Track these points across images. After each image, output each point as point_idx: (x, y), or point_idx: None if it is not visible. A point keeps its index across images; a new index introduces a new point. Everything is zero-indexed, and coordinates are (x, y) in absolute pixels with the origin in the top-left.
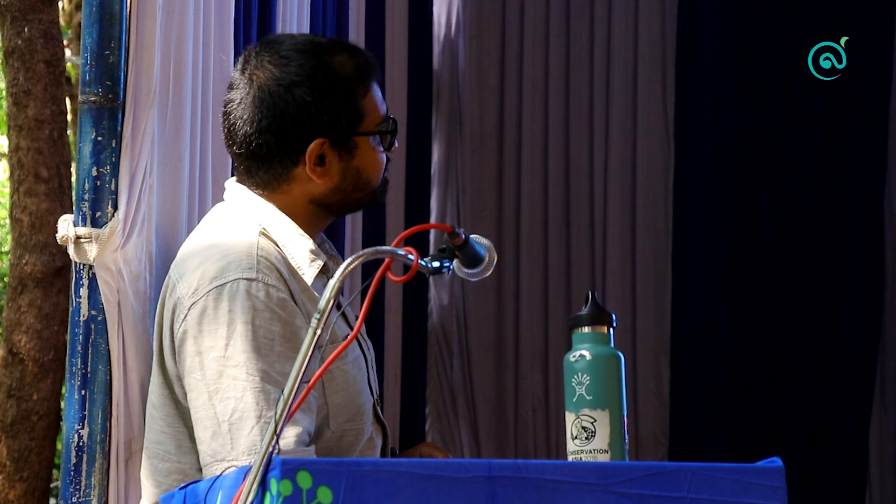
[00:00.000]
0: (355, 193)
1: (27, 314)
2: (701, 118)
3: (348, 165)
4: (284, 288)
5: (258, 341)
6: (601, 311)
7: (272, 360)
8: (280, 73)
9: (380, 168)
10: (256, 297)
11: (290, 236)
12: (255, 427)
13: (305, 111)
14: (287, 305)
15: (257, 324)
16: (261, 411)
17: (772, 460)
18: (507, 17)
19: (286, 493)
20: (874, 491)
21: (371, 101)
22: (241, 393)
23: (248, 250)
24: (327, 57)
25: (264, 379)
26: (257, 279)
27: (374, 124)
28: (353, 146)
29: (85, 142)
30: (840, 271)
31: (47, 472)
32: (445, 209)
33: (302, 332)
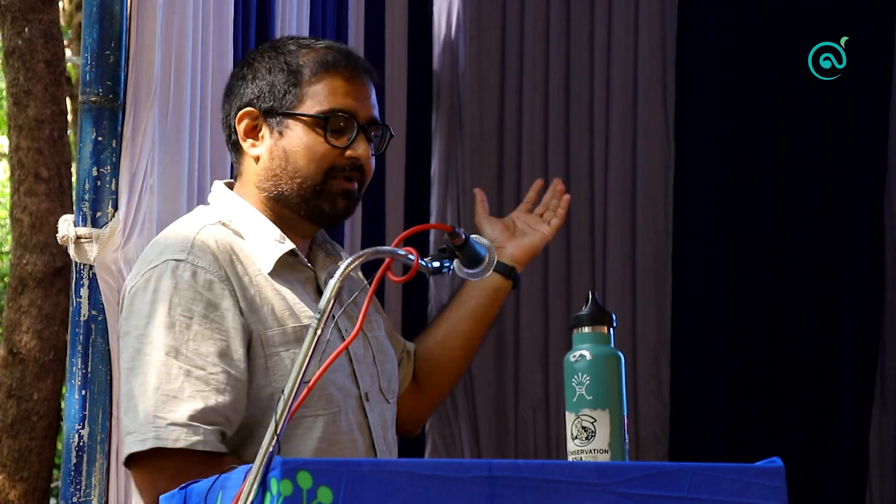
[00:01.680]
0: (287, 179)
1: (27, 314)
2: (701, 118)
3: (276, 143)
4: (217, 271)
5: (174, 319)
6: (601, 311)
7: (187, 338)
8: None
9: (316, 158)
10: (181, 276)
11: (254, 225)
12: (152, 398)
13: (245, 82)
14: (214, 287)
15: (176, 302)
16: (159, 384)
17: (772, 460)
18: (507, 17)
19: (286, 493)
20: (874, 491)
21: (321, 90)
22: (149, 368)
23: (187, 235)
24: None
25: (170, 354)
26: (186, 260)
27: (315, 111)
28: (284, 125)
29: (85, 142)
30: (840, 271)
31: (47, 472)
32: (445, 209)
33: (230, 314)
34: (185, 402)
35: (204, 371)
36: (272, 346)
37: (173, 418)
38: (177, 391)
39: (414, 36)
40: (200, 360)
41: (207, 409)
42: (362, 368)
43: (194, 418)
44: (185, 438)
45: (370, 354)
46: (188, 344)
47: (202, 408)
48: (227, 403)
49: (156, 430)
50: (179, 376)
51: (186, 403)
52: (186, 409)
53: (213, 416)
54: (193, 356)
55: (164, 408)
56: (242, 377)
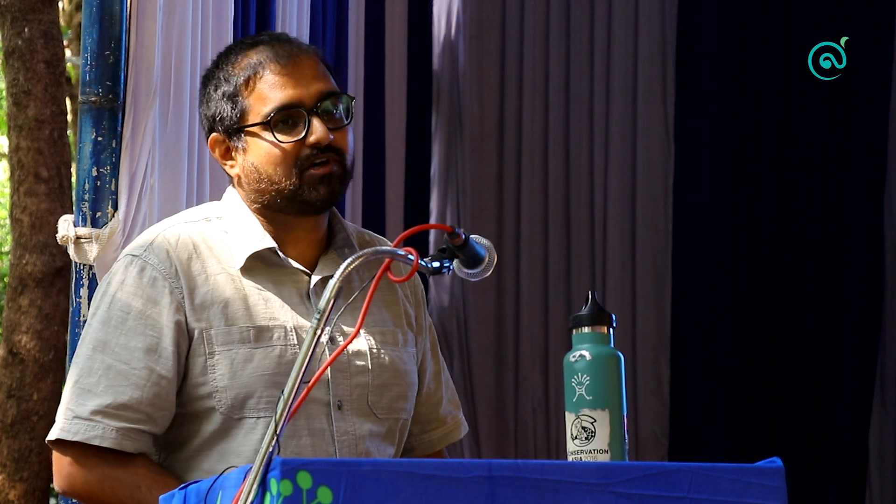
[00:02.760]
0: (266, 188)
1: (27, 314)
2: (701, 118)
3: (245, 160)
4: (167, 268)
5: (111, 313)
6: (601, 311)
7: (118, 333)
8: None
9: (280, 161)
10: (130, 272)
11: (240, 222)
12: (69, 391)
13: (204, 112)
14: (157, 283)
15: (117, 296)
16: (79, 377)
17: (772, 460)
18: (507, 17)
19: (286, 493)
20: (874, 491)
21: (259, 93)
22: (79, 360)
23: (154, 233)
24: (232, 56)
25: (97, 348)
26: (139, 256)
27: (259, 117)
28: (244, 142)
29: (85, 142)
30: (840, 271)
31: (47, 472)
32: (445, 209)
33: (166, 311)
34: (97, 396)
35: (127, 366)
36: (213, 344)
37: (79, 412)
38: (92, 385)
39: (414, 36)
40: (126, 355)
41: (117, 404)
42: (342, 376)
43: (99, 413)
44: (84, 433)
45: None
46: (118, 339)
47: (110, 402)
48: (146, 399)
49: (64, 422)
50: (99, 370)
51: (96, 398)
52: (94, 403)
53: (124, 413)
54: (120, 350)
55: (76, 400)
56: (168, 375)
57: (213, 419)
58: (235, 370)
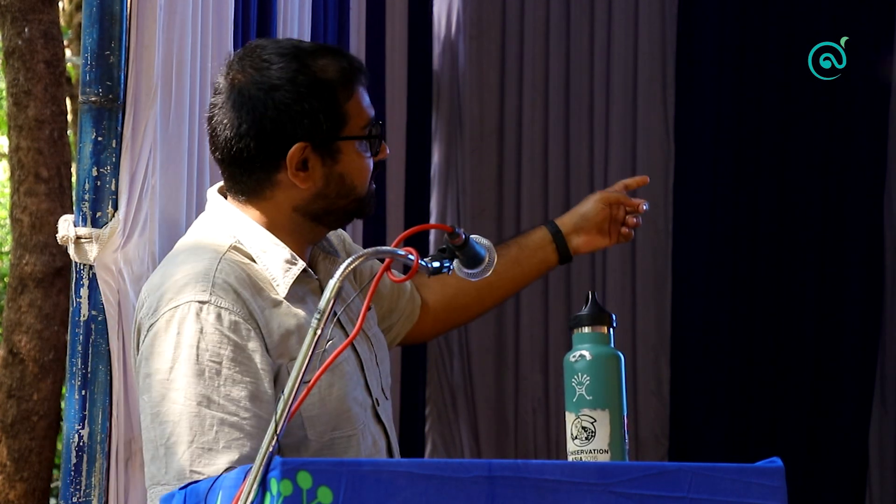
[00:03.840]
0: (339, 201)
1: (27, 314)
2: (701, 118)
3: (332, 171)
4: (241, 309)
5: (202, 365)
6: (601, 311)
7: (217, 384)
8: (260, 76)
9: (365, 174)
10: (206, 320)
11: (264, 247)
12: (186, 452)
13: (285, 114)
14: (240, 328)
15: (202, 347)
16: (193, 436)
17: (772, 460)
18: (507, 17)
19: (286, 493)
20: (874, 491)
21: (356, 105)
22: (178, 417)
23: (207, 271)
24: (309, 60)
25: (201, 403)
26: (209, 301)
27: (359, 128)
28: (337, 151)
29: (85, 142)
30: (840, 271)
31: (47, 472)
32: (445, 209)
33: (257, 355)
34: (221, 453)
35: (237, 417)
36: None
37: (210, 472)
38: (211, 443)
39: (414, 36)
40: (233, 406)
41: (243, 457)
42: (371, 375)
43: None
44: None
45: (374, 355)
46: (219, 390)
47: (237, 458)
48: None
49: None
50: (213, 426)
51: (223, 455)
52: (223, 461)
53: (249, 463)
54: (226, 402)
55: (199, 461)
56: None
57: (308, 448)
58: (323, 397)
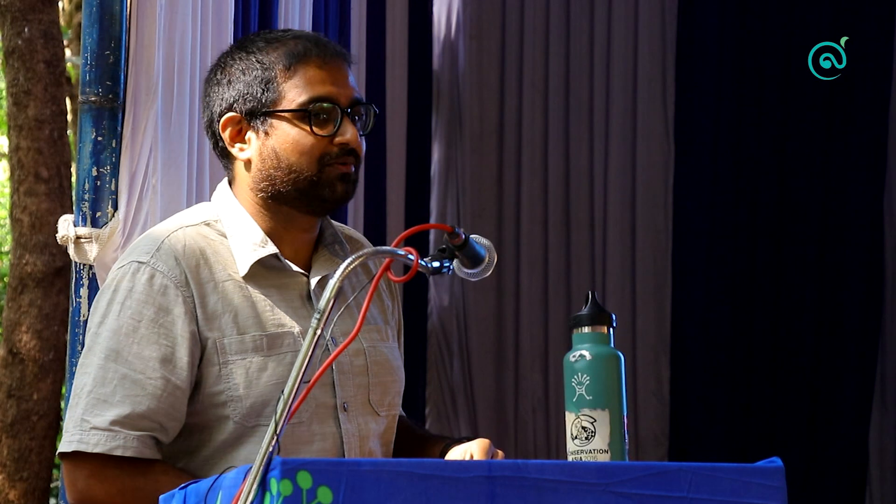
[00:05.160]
0: (279, 175)
1: (27, 314)
2: (701, 118)
3: (264, 144)
4: (177, 276)
5: (122, 322)
6: (601, 311)
7: (131, 342)
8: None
9: (302, 149)
10: (139, 280)
11: (239, 226)
12: (83, 401)
13: (221, 94)
14: (168, 292)
15: (127, 304)
16: (93, 387)
17: (772, 460)
18: (507, 17)
19: (286, 492)
20: (874, 491)
21: (298, 81)
22: (90, 368)
23: (158, 236)
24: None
25: (109, 357)
26: (147, 263)
27: (295, 104)
28: (268, 125)
29: (85, 142)
30: (840, 271)
31: (47, 472)
32: (445, 209)
33: (180, 321)
34: (114, 406)
35: (143, 375)
36: (227, 353)
37: (97, 423)
38: (108, 395)
39: (414, 36)
40: (140, 364)
41: (135, 414)
42: (346, 378)
43: (117, 423)
44: (105, 444)
45: (362, 363)
46: (131, 347)
47: (128, 413)
48: (161, 409)
49: (80, 434)
50: (114, 380)
51: (114, 408)
52: (112, 413)
53: (141, 422)
54: (134, 360)
55: (91, 411)
56: (183, 385)
57: (226, 428)
58: (251, 379)
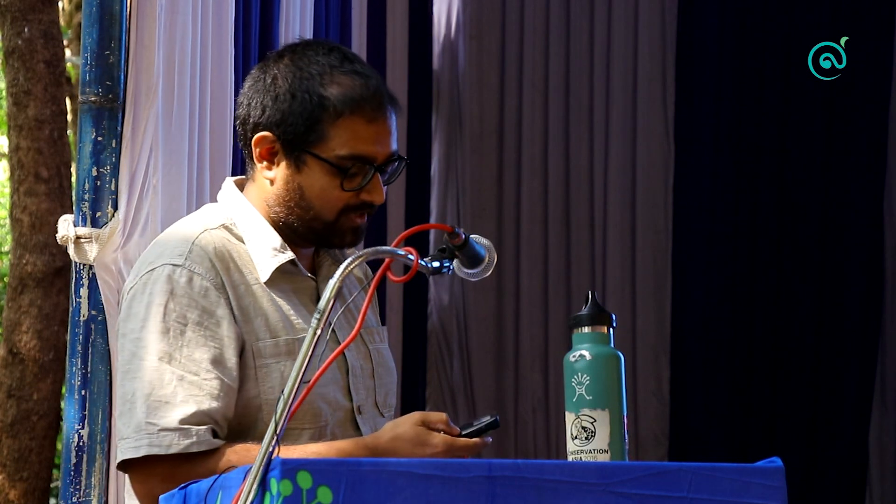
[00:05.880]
0: (297, 211)
1: (27, 314)
2: (701, 118)
3: (293, 177)
4: (214, 278)
5: (168, 324)
6: (601, 311)
7: (180, 344)
8: (277, 67)
9: (328, 199)
10: (178, 282)
11: (256, 231)
12: (143, 405)
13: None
14: (210, 294)
15: (170, 307)
16: (151, 390)
17: (772, 460)
18: (507, 17)
19: (286, 492)
20: (874, 491)
21: (344, 132)
22: (142, 373)
23: (186, 238)
24: (311, 64)
25: (163, 359)
26: (183, 265)
27: (334, 155)
28: (303, 162)
29: (85, 142)
30: (840, 271)
31: (47, 472)
32: (445, 209)
33: (224, 322)
34: (178, 406)
35: (197, 377)
36: (263, 357)
37: (164, 423)
38: (169, 396)
39: (414, 36)
40: (194, 366)
41: (200, 412)
42: (357, 381)
43: (185, 421)
44: (178, 443)
45: (369, 367)
46: (182, 350)
47: (194, 411)
48: (219, 409)
49: (148, 437)
50: (172, 381)
51: (178, 408)
52: (178, 413)
53: (205, 419)
54: (187, 362)
55: (155, 414)
56: (234, 385)
57: (260, 431)
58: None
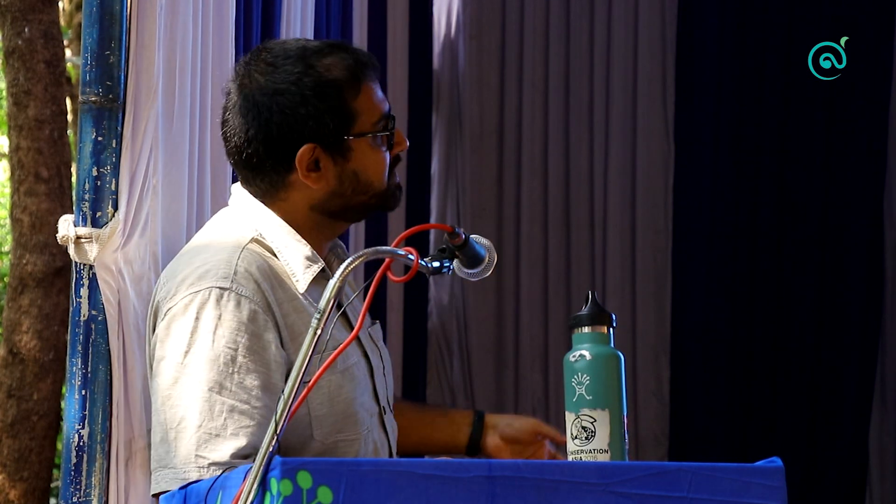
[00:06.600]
0: (357, 197)
1: (27, 314)
2: (701, 118)
3: (344, 169)
4: (260, 300)
5: (217, 351)
6: (601, 311)
7: (231, 371)
8: (265, 80)
9: (381, 168)
10: (226, 307)
11: (286, 242)
12: (193, 437)
13: (291, 118)
14: (258, 318)
15: (219, 333)
16: (202, 421)
17: (772, 460)
18: (507, 17)
19: (286, 492)
20: (874, 491)
21: (365, 101)
22: (190, 402)
23: (230, 259)
24: (314, 60)
25: (213, 389)
26: (230, 289)
27: (370, 124)
28: (347, 149)
29: (85, 142)
30: (840, 271)
31: (47, 472)
32: (445, 209)
33: (272, 346)
34: (228, 440)
35: (248, 406)
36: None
37: (215, 458)
38: (220, 429)
39: (414, 36)
40: (245, 395)
41: (250, 445)
42: (380, 383)
43: (237, 456)
44: None
45: (382, 367)
46: (233, 377)
47: (245, 444)
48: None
49: (198, 471)
50: (223, 413)
51: (229, 441)
52: (229, 447)
53: (255, 452)
54: (238, 390)
55: (206, 447)
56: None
57: (311, 447)
58: (332, 398)
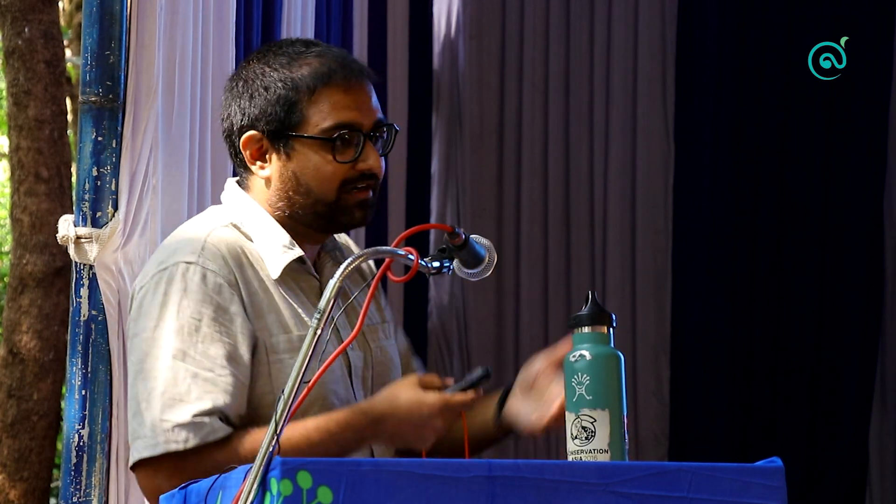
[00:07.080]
0: (299, 199)
1: (27, 314)
2: (701, 118)
3: (285, 167)
4: (227, 275)
5: (182, 321)
6: (601, 311)
7: (195, 341)
8: (246, 71)
9: (324, 176)
10: (191, 279)
11: (264, 229)
12: (158, 403)
13: (247, 105)
14: (223, 291)
15: (185, 304)
16: (165, 388)
17: (772, 460)
18: (507, 17)
19: (286, 492)
20: (874, 491)
21: (321, 106)
22: (156, 373)
23: (198, 237)
24: (295, 58)
25: (176, 357)
26: (196, 262)
27: (317, 129)
28: (291, 148)
29: (85, 142)
30: (840, 271)
31: (47, 472)
32: (445, 209)
33: (238, 318)
34: (191, 403)
35: (212, 373)
36: (276, 352)
37: (178, 419)
38: (183, 394)
39: (414, 36)
40: (209, 363)
41: (215, 408)
42: (358, 383)
43: (199, 415)
44: (195, 436)
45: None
46: (196, 346)
47: (209, 407)
48: (233, 405)
49: (164, 434)
50: (186, 379)
51: (192, 405)
52: (192, 409)
53: (218, 414)
54: (202, 358)
55: (169, 410)
56: (247, 382)
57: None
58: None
